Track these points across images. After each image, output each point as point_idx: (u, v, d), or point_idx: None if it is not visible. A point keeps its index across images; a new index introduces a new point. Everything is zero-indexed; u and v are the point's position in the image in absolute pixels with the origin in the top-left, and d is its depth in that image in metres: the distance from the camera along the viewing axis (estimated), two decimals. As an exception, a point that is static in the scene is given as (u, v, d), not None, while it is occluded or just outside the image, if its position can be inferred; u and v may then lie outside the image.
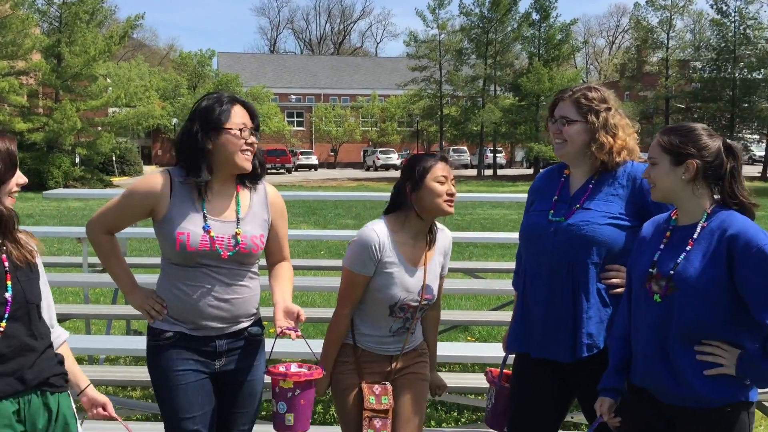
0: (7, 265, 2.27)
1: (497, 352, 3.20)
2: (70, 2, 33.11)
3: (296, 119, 61.27)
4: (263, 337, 2.91)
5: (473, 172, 47.64)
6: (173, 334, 2.72)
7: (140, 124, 37.20)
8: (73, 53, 32.27)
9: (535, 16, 46.29)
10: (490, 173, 45.96)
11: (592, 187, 2.81)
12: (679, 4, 43.73)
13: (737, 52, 41.29)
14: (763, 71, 41.28)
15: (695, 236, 2.43)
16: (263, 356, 2.90)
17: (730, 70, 41.76)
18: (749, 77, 41.81)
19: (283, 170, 48.49)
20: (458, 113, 47.03)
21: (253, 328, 2.83)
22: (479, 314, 6.93)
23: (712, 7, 42.20)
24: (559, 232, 2.77)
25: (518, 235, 2.99)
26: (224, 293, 2.71)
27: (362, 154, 58.65)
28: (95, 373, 5.25)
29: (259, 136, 2.77)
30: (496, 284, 6.19)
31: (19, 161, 2.33)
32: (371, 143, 59.10)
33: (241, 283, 2.75)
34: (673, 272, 2.41)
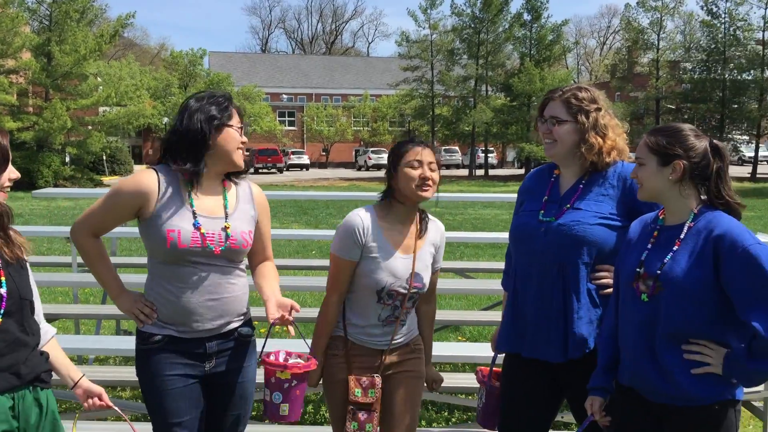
0: None
1: (488, 351, 3.21)
2: (60, 1, 32.91)
3: (288, 119, 61.20)
4: (254, 337, 2.90)
5: (465, 172, 47.70)
6: (162, 337, 2.69)
7: (131, 123, 37.08)
8: (63, 52, 32.10)
9: (526, 16, 46.42)
10: (481, 173, 46.03)
11: (582, 187, 2.81)
12: (669, 5, 43.90)
13: (727, 53, 41.46)
14: (752, 72, 41.47)
15: (682, 236, 2.44)
16: (254, 357, 2.89)
17: (720, 71, 41.92)
18: (739, 78, 41.97)
19: (274, 170, 48.40)
20: (450, 113, 47.07)
21: (243, 328, 2.81)
22: (470, 314, 6.94)
23: (702, 8, 42.39)
24: (549, 232, 2.77)
25: (508, 235, 2.99)
26: (215, 291, 2.70)
27: (354, 153, 58.64)
28: (84, 373, 5.23)
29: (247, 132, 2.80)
30: (486, 284, 6.19)
31: (10, 156, 2.31)
32: (363, 143, 59.07)
33: (230, 280, 2.74)
34: (660, 272, 2.42)
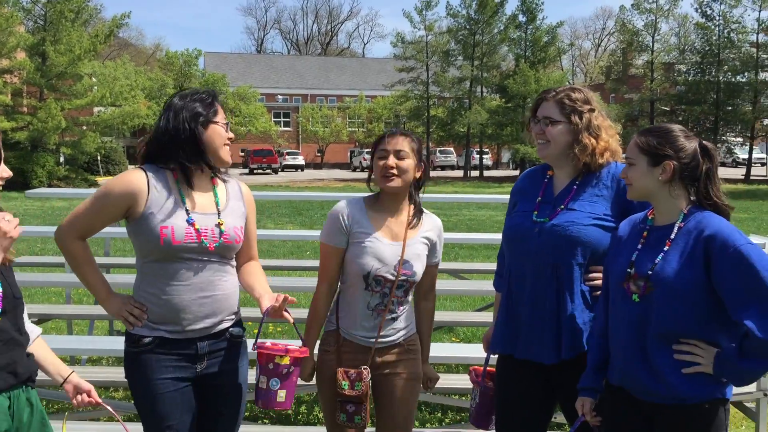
0: None
1: (482, 353, 3.19)
2: (55, 0, 32.85)
3: (283, 119, 61.17)
4: (245, 338, 2.88)
5: (460, 173, 47.73)
6: (153, 339, 2.65)
7: (125, 123, 36.97)
8: (57, 52, 32.03)
9: (521, 18, 46.48)
10: (476, 174, 46.03)
11: (576, 188, 2.81)
12: (664, 7, 44.01)
13: (721, 55, 41.57)
14: (746, 75, 41.61)
15: (672, 236, 2.45)
16: (246, 358, 2.87)
17: (714, 73, 42.04)
18: (733, 80, 42.10)
19: (269, 170, 48.37)
20: (445, 114, 47.08)
21: (234, 329, 2.79)
22: (464, 315, 6.94)
23: (696, 10, 42.56)
24: (543, 233, 2.76)
25: (501, 236, 2.99)
26: (207, 288, 2.67)
27: (349, 154, 58.62)
28: (77, 373, 5.21)
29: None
30: (480, 285, 6.19)
31: (3, 155, 2.30)
32: (358, 144, 59.03)
33: (223, 278, 2.72)
34: (651, 272, 2.43)
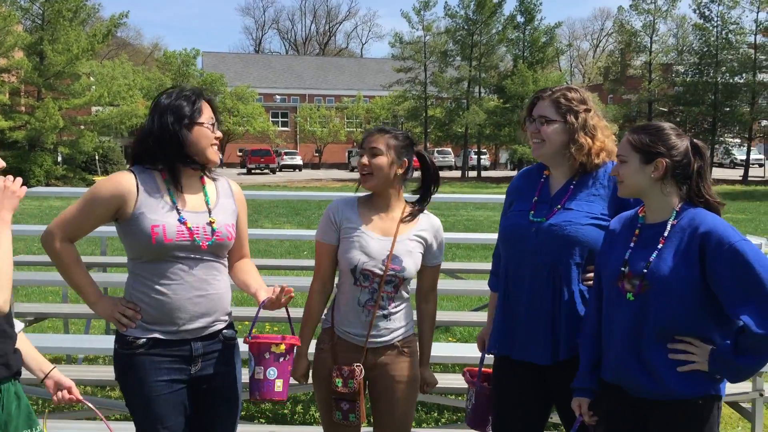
0: None
1: (478, 353, 3.19)
2: (53, 0, 32.84)
3: (281, 119, 61.14)
4: (237, 341, 2.85)
5: (457, 173, 47.74)
6: (147, 340, 2.62)
7: (123, 123, 36.95)
8: (55, 51, 32.02)
9: (519, 18, 46.55)
10: (474, 175, 46.05)
11: (573, 187, 2.80)
12: (662, 8, 44.05)
13: (719, 56, 41.61)
14: (744, 76, 41.65)
15: (666, 234, 2.45)
16: (239, 360, 2.85)
17: (712, 74, 42.08)
18: (731, 81, 42.15)
19: (267, 170, 48.35)
20: (443, 115, 47.10)
21: (227, 331, 2.78)
22: (460, 315, 6.94)
23: (695, 11, 42.60)
24: (540, 232, 2.76)
25: (498, 236, 2.98)
26: (201, 287, 2.65)
27: (347, 154, 58.61)
28: (74, 372, 5.19)
29: (219, 127, 2.77)
30: (477, 285, 6.19)
31: None
32: (356, 144, 58.94)
33: (216, 276, 2.71)
34: (646, 271, 2.43)
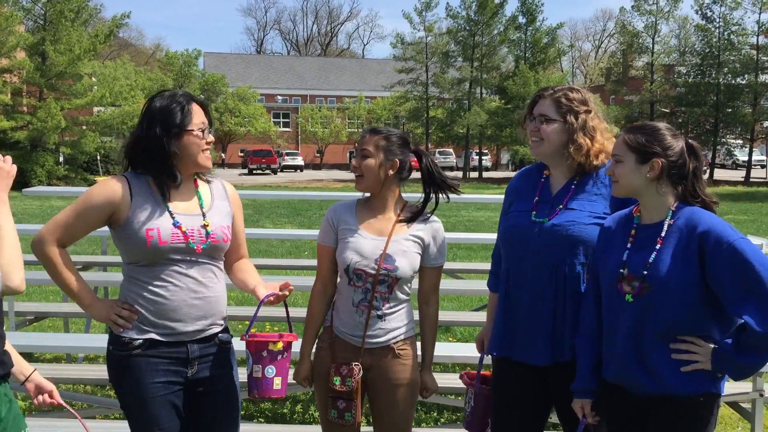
0: None
1: (478, 353, 3.18)
2: (55, 0, 32.87)
3: (282, 120, 61.13)
4: (233, 345, 2.84)
5: (459, 174, 47.71)
6: (143, 341, 2.61)
7: (125, 123, 36.89)
8: (57, 51, 32.03)
9: (521, 19, 46.51)
10: (475, 176, 46.06)
11: (574, 187, 2.79)
12: (664, 9, 44.01)
13: (721, 57, 41.57)
14: (746, 77, 41.61)
15: (663, 234, 2.45)
16: (236, 362, 2.85)
17: (714, 75, 42.02)
18: (733, 83, 42.08)
19: (268, 171, 48.35)
20: (444, 115, 47.09)
21: (222, 335, 2.77)
22: (461, 315, 6.96)
23: (697, 12, 42.55)
24: (543, 232, 2.74)
25: (497, 236, 2.96)
26: (197, 290, 2.65)
27: (348, 155, 58.61)
28: (74, 372, 5.21)
29: (212, 130, 2.76)
30: (477, 285, 6.19)
31: None
32: (356, 145, 58.94)
33: (212, 279, 2.71)
34: (646, 272, 2.42)
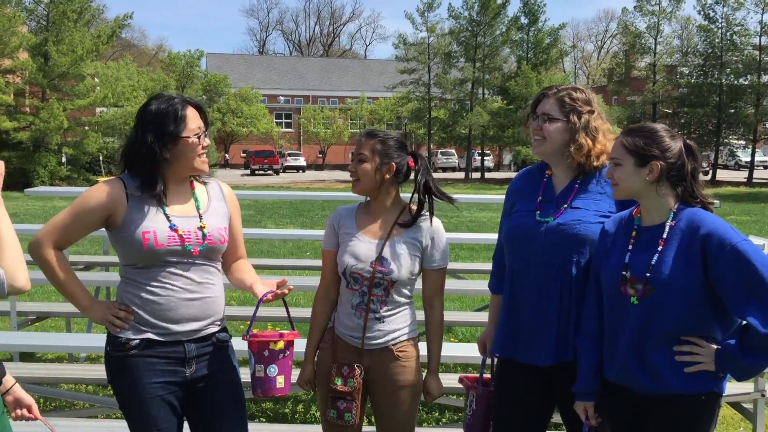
0: None
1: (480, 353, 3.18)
2: (57, 1, 32.90)
3: (284, 120, 61.16)
4: (231, 343, 2.84)
5: (461, 174, 47.72)
6: (140, 341, 2.60)
7: (128, 124, 36.90)
8: (60, 52, 32.09)
9: (523, 20, 46.52)
10: (477, 176, 46.01)
11: (578, 186, 2.77)
12: (666, 9, 43.94)
13: (724, 58, 41.49)
14: (749, 77, 41.54)
15: (664, 236, 2.44)
16: (236, 359, 2.84)
17: (716, 75, 41.91)
18: (736, 83, 41.96)
19: (270, 171, 48.37)
20: (446, 116, 47.07)
21: (220, 334, 2.77)
22: (462, 315, 6.96)
23: (699, 13, 42.46)
24: (549, 232, 2.72)
25: (501, 237, 2.94)
26: (195, 291, 2.65)
27: (350, 156, 58.36)
28: (76, 371, 5.20)
29: (210, 133, 2.74)
30: (479, 285, 6.18)
31: None
32: (359, 146, 58.95)
33: (210, 279, 2.70)
34: (649, 275, 2.41)
